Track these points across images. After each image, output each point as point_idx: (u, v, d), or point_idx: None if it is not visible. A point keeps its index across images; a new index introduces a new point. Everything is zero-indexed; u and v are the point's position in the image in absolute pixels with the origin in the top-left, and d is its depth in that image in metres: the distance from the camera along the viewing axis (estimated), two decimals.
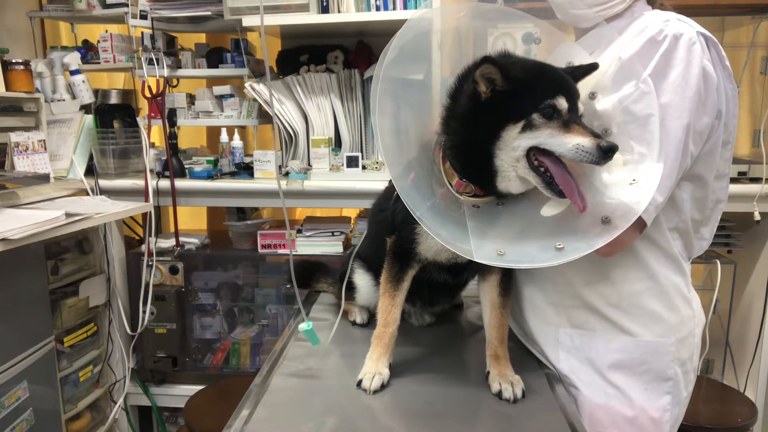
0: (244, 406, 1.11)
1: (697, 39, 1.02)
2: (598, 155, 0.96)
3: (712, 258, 2.36)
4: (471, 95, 1.05)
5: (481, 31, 1.21)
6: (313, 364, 1.29)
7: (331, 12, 2.25)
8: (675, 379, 1.18)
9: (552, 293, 1.25)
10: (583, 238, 1.00)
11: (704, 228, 1.21)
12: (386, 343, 1.22)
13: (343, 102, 2.39)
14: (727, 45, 2.53)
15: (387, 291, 1.24)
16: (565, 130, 0.99)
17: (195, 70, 2.55)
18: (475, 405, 1.13)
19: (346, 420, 1.07)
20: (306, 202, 2.37)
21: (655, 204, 1.04)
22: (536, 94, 1.00)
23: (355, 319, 1.52)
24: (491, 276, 1.25)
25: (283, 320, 2.60)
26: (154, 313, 2.41)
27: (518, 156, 1.03)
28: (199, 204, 2.49)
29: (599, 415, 1.20)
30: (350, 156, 2.32)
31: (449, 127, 1.11)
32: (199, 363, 2.59)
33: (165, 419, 2.62)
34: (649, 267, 1.16)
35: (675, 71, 1.02)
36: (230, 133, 2.53)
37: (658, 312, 1.16)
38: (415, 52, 1.14)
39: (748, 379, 2.41)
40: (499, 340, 1.22)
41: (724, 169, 1.17)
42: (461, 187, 1.12)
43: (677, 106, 1.02)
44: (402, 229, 1.19)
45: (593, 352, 1.21)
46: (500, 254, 1.02)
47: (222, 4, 2.27)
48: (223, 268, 2.70)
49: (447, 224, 1.06)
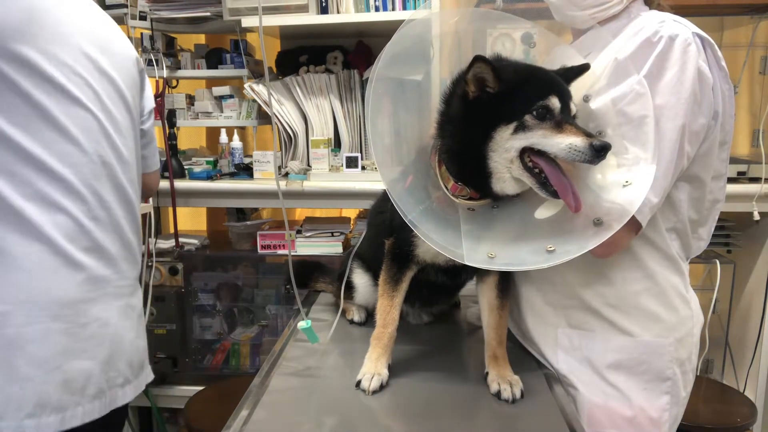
0: (244, 406, 1.11)
1: (692, 40, 1.03)
2: (591, 154, 0.96)
3: (711, 258, 2.37)
4: (464, 97, 1.06)
5: (480, 33, 1.21)
6: (313, 365, 1.29)
7: (331, 13, 2.25)
8: (674, 379, 1.19)
9: (550, 294, 1.25)
10: (576, 240, 1.00)
11: (702, 228, 1.21)
12: (385, 344, 1.22)
13: (343, 102, 2.39)
14: (726, 45, 2.53)
15: (385, 292, 1.24)
16: (558, 130, 0.99)
17: (194, 71, 2.55)
18: (474, 405, 1.13)
19: (345, 420, 1.07)
20: (305, 202, 2.37)
21: (650, 205, 1.04)
22: (528, 95, 1.01)
23: (353, 317, 1.53)
24: (489, 277, 1.25)
25: (282, 321, 2.60)
26: (153, 314, 2.41)
27: (512, 157, 1.03)
28: (198, 205, 2.49)
29: (598, 415, 1.21)
30: (350, 156, 2.33)
31: (444, 131, 1.12)
32: (199, 364, 2.60)
33: (165, 420, 2.62)
34: (647, 267, 1.16)
35: (670, 72, 1.02)
36: (230, 134, 2.54)
37: (656, 312, 1.17)
38: (413, 53, 1.14)
39: (747, 379, 2.41)
40: (498, 341, 1.22)
41: (721, 170, 1.17)
42: (457, 190, 1.12)
43: (672, 107, 1.02)
44: (400, 232, 1.20)
45: (592, 352, 1.21)
46: (491, 257, 1.02)
47: (221, 5, 2.28)
48: (223, 268, 2.70)
49: (442, 228, 1.06)
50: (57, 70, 1.05)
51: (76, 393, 1.09)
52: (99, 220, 1.14)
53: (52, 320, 1.06)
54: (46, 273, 1.06)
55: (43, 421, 1.04)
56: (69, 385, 1.08)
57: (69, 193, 1.08)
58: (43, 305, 1.05)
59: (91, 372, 1.12)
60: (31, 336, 1.04)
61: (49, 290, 1.06)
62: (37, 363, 1.05)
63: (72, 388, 1.08)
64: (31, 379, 1.04)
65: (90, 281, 1.12)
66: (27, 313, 1.04)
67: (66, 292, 1.09)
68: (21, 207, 1.02)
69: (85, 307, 1.11)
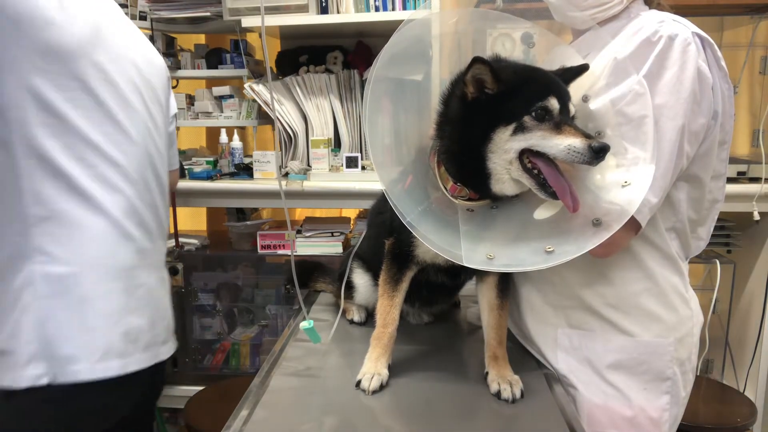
0: (244, 406, 1.12)
1: (692, 40, 1.03)
2: (589, 156, 0.96)
3: (711, 258, 2.37)
4: (463, 98, 1.06)
5: (479, 33, 1.21)
6: (313, 365, 1.29)
7: (331, 13, 2.25)
8: (674, 379, 1.19)
9: (550, 294, 1.26)
10: (575, 241, 1.00)
11: (701, 228, 1.21)
12: (385, 344, 1.22)
13: (343, 102, 2.39)
14: (726, 45, 2.53)
15: (385, 292, 1.24)
16: (557, 131, 0.99)
17: (194, 71, 2.56)
18: (474, 405, 1.13)
19: (345, 420, 1.07)
20: (305, 202, 2.37)
21: (649, 205, 1.04)
22: (527, 96, 1.01)
23: (354, 317, 1.53)
24: (489, 277, 1.25)
25: (282, 321, 2.60)
26: None
27: (511, 158, 1.03)
28: (198, 205, 2.49)
29: (598, 415, 1.21)
30: (350, 156, 2.33)
31: (443, 132, 1.12)
32: (199, 363, 2.60)
33: (165, 420, 2.62)
34: (647, 267, 1.16)
35: (669, 72, 1.02)
36: (230, 134, 2.53)
37: (656, 312, 1.17)
38: (413, 54, 1.14)
39: (747, 379, 2.41)
40: (498, 341, 1.22)
41: (720, 169, 1.17)
42: (456, 191, 1.12)
43: (672, 107, 1.02)
44: (400, 232, 1.20)
45: (592, 352, 1.21)
46: (489, 258, 1.02)
47: (221, 5, 2.28)
48: (223, 268, 2.70)
49: (441, 229, 1.06)
50: (117, 75, 1.26)
51: (132, 344, 1.28)
52: (144, 201, 1.35)
53: (114, 281, 1.26)
54: (108, 242, 1.25)
55: (110, 364, 1.23)
56: (127, 337, 1.27)
57: (124, 177, 1.28)
58: (107, 269, 1.25)
59: (142, 328, 1.31)
60: (98, 294, 1.23)
61: (111, 256, 1.26)
62: (103, 316, 1.23)
63: (129, 339, 1.27)
64: (100, 329, 1.23)
65: (139, 252, 1.32)
66: (94, 274, 1.23)
67: (123, 259, 1.28)
68: (88, 186, 1.21)
69: (137, 273, 1.32)
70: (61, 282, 1.19)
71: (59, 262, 1.19)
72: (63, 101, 1.15)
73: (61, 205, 1.18)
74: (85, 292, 1.21)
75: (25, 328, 1.17)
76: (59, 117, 1.15)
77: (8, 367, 1.17)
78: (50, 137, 1.15)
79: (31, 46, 1.10)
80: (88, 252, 1.22)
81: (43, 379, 1.16)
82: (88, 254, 1.22)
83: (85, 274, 1.21)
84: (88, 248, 1.22)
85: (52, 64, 1.13)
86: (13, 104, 1.11)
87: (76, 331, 1.20)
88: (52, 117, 1.15)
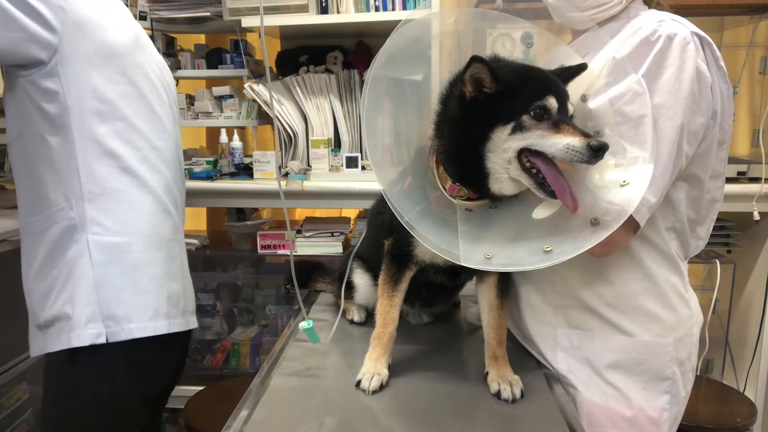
0: (243, 406, 1.12)
1: (691, 39, 1.03)
2: (588, 154, 0.96)
3: (711, 258, 2.37)
4: (461, 98, 1.06)
5: (479, 33, 1.21)
6: (313, 365, 1.29)
7: (331, 13, 2.25)
8: (673, 379, 1.19)
9: (550, 294, 1.26)
10: (574, 240, 1.00)
11: (700, 227, 1.21)
12: (385, 344, 1.22)
13: (343, 102, 2.39)
14: (726, 45, 2.53)
15: (385, 292, 1.24)
16: (556, 130, 0.99)
17: (194, 71, 2.55)
18: (474, 405, 1.13)
19: (345, 420, 1.07)
20: (305, 202, 2.37)
21: (648, 205, 1.04)
22: (525, 95, 1.01)
23: (353, 317, 1.53)
24: (489, 277, 1.25)
25: (282, 321, 2.60)
26: None
27: (509, 158, 1.03)
28: (198, 205, 2.49)
29: (598, 414, 1.21)
30: (350, 156, 2.33)
31: (441, 131, 1.12)
32: (199, 363, 2.60)
33: (165, 420, 2.62)
34: (646, 267, 1.16)
35: (668, 72, 1.02)
36: (230, 134, 2.54)
37: (655, 312, 1.17)
38: (412, 53, 1.14)
39: (747, 378, 2.41)
40: (498, 341, 1.22)
41: (719, 169, 1.17)
42: (455, 190, 1.12)
43: (671, 106, 1.02)
44: (399, 232, 1.20)
45: (591, 352, 1.21)
46: (488, 258, 1.02)
47: (221, 5, 2.28)
48: (223, 268, 2.71)
49: (439, 228, 1.06)
50: (152, 75, 1.43)
51: (174, 307, 1.44)
52: (177, 183, 1.52)
53: (158, 250, 1.42)
54: (153, 216, 1.42)
55: (159, 323, 1.38)
56: (170, 300, 1.43)
57: (163, 160, 1.45)
58: (153, 239, 1.41)
59: (179, 294, 1.48)
60: (147, 260, 1.38)
61: (155, 228, 1.42)
62: (152, 280, 1.39)
63: (172, 302, 1.44)
64: (150, 292, 1.38)
65: (174, 227, 1.49)
66: (143, 243, 1.38)
67: (165, 231, 1.45)
68: (136, 167, 1.37)
69: (174, 245, 1.48)
70: (114, 250, 1.33)
71: (112, 233, 1.33)
72: (113, 93, 1.32)
73: (113, 183, 1.33)
74: (136, 259, 1.36)
75: (83, 293, 1.30)
76: (110, 106, 1.31)
77: (69, 328, 1.29)
78: (103, 123, 1.30)
79: (90, 45, 1.26)
80: (138, 224, 1.37)
81: (101, 338, 1.29)
82: (137, 226, 1.37)
83: (135, 243, 1.36)
84: (137, 221, 1.37)
85: (105, 61, 1.29)
86: (73, 93, 1.26)
87: (129, 294, 1.34)
88: (105, 105, 1.30)
